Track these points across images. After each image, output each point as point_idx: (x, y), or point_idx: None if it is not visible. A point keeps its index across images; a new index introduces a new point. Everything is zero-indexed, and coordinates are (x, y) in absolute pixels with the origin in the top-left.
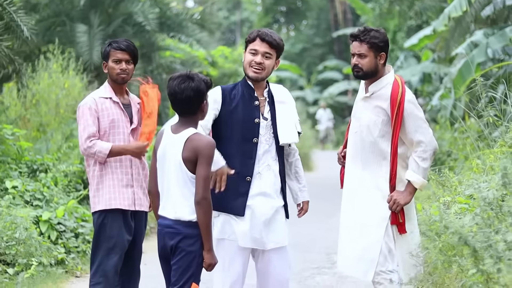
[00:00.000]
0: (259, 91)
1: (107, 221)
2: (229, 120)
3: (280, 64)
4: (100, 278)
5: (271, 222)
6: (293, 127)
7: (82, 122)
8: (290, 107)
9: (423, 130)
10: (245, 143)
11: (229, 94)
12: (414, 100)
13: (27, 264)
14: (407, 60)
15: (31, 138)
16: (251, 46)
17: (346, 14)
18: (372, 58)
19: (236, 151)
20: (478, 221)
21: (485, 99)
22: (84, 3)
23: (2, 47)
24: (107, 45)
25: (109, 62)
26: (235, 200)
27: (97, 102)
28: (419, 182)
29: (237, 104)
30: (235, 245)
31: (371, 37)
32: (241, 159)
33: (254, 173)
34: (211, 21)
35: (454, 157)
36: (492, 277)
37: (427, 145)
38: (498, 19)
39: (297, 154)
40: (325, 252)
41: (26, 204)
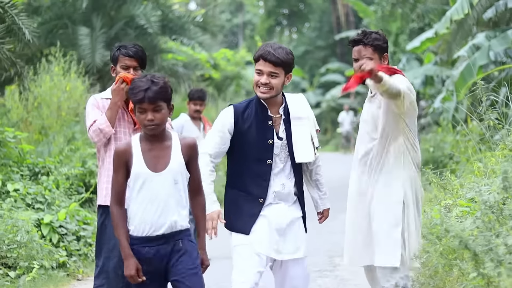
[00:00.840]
0: (274, 108)
1: (108, 222)
2: (242, 140)
3: None
4: (103, 280)
5: (287, 233)
6: (310, 144)
7: (87, 117)
8: (307, 121)
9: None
10: (258, 164)
11: (241, 115)
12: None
13: (29, 267)
14: (409, 62)
15: (33, 141)
16: (257, 66)
17: (348, 17)
18: (377, 60)
19: (250, 172)
20: (479, 224)
21: (486, 102)
22: (86, 6)
23: (4, 50)
24: (116, 49)
25: (117, 67)
26: (244, 220)
27: (99, 101)
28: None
29: (250, 124)
30: (250, 250)
31: (373, 40)
32: (254, 180)
33: (268, 194)
34: (213, 24)
35: (456, 159)
36: (493, 281)
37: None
38: (500, 21)
39: (319, 161)
40: (327, 255)
41: (28, 207)
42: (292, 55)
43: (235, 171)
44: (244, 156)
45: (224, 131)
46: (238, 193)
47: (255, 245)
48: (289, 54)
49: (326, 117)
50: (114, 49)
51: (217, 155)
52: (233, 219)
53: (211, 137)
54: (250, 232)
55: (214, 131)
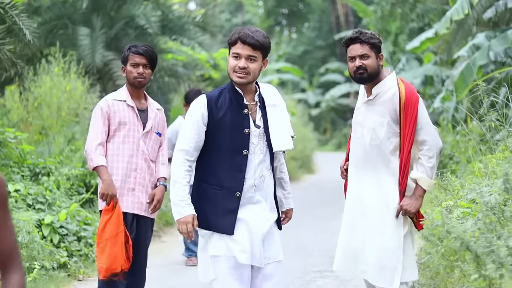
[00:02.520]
0: (249, 95)
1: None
2: (216, 131)
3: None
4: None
5: (267, 237)
6: (287, 132)
7: (95, 126)
8: (282, 109)
9: (428, 128)
10: (234, 156)
11: (215, 103)
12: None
13: (30, 267)
14: (409, 62)
15: (33, 141)
16: (233, 49)
17: (348, 17)
18: (374, 58)
19: (224, 164)
20: (480, 226)
21: (487, 103)
22: (86, 6)
23: (5, 51)
24: (126, 49)
25: (127, 66)
26: (223, 217)
27: (109, 103)
28: (426, 182)
29: (224, 113)
30: (233, 261)
31: (369, 38)
32: (230, 173)
33: (246, 188)
34: (213, 24)
35: (456, 160)
36: (494, 283)
37: (431, 144)
38: (500, 21)
39: (283, 158)
40: (327, 256)
41: (29, 208)
42: (268, 38)
43: (207, 164)
44: (217, 147)
45: (198, 122)
46: (211, 188)
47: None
48: (266, 37)
49: (325, 117)
50: (125, 49)
51: (193, 151)
52: (210, 218)
53: (186, 131)
54: (234, 232)
55: (188, 125)
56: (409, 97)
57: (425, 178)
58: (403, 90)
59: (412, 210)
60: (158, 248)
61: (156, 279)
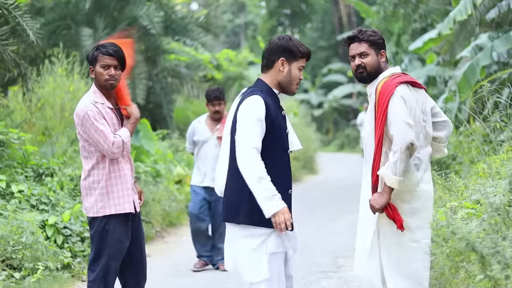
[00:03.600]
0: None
1: (109, 227)
2: (270, 131)
3: None
4: (101, 285)
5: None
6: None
7: (102, 127)
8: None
9: (396, 123)
10: (283, 155)
11: (268, 104)
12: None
13: (34, 268)
14: (412, 63)
15: (36, 142)
16: (302, 62)
17: (350, 17)
18: (374, 55)
19: (277, 163)
20: (485, 227)
21: (491, 104)
22: (89, 7)
23: (8, 51)
24: (94, 50)
25: (96, 67)
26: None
27: (99, 108)
28: (388, 178)
29: (275, 114)
30: (284, 257)
31: (368, 35)
32: (282, 172)
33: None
34: (215, 25)
35: (459, 160)
36: (500, 283)
37: (397, 139)
38: (503, 22)
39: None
40: (330, 256)
41: (32, 208)
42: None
43: (266, 165)
44: (271, 147)
45: (262, 122)
46: None
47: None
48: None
49: (328, 118)
50: (92, 49)
51: (260, 148)
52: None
53: (251, 130)
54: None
55: (252, 123)
56: (382, 92)
57: (387, 175)
58: (379, 86)
59: (376, 206)
60: (162, 249)
61: (161, 280)
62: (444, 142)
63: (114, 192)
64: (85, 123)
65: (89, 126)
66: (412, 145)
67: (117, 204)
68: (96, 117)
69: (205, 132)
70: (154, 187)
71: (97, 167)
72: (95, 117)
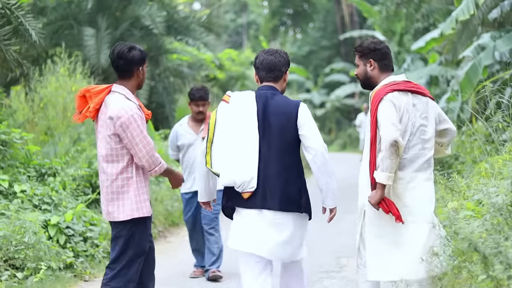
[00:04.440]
0: None
1: (136, 230)
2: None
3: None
4: (120, 283)
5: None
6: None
7: (145, 132)
8: None
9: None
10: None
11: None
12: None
13: (36, 268)
14: (414, 62)
15: (39, 142)
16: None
17: (352, 17)
18: (362, 65)
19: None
20: (487, 227)
21: (493, 104)
22: (91, 7)
23: (10, 51)
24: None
25: (144, 67)
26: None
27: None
28: (377, 175)
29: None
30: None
31: (361, 47)
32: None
33: None
34: (218, 24)
35: (462, 160)
36: (502, 284)
37: (382, 138)
38: (505, 22)
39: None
40: (333, 256)
41: (35, 208)
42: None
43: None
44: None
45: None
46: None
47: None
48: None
49: (330, 117)
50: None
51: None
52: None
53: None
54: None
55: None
56: (374, 98)
57: (377, 171)
58: (373, 93)
59: (372, 202)
60: (164, 249)
61: (164, 280)
62: (446, 146)
63: (139, 196)
64: (129, 125)
65: (132, 129)
66: (396, 142)
67: (143, 207)
68: (141, 121)
69: (189, 135)
70: (157, 187)
71: (126, 171)
72: (141, 121)
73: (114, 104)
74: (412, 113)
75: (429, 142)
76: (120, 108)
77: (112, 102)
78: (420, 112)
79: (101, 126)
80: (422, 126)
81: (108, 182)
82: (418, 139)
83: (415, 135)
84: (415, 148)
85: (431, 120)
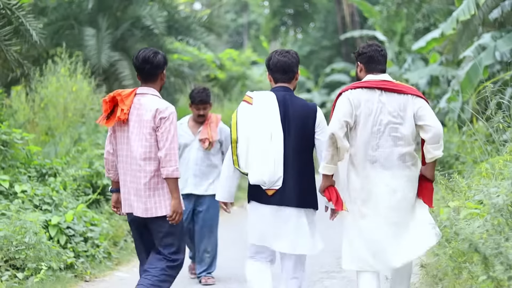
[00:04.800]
0: None
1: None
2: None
3: None
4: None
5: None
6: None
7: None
8: None
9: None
10: None
11: None
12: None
13: (37, 268)
14: (415, 62)
15: (39, 142)
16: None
17: (353, 17)
18: (356, 68)
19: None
20: (488, 227)
21: (494, 104)
22: (92, 7)
23: (11, 51)
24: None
25: (165, 71)
26: None
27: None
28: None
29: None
30: None
31: (355, 51)
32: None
33: None
34: (218, 24)
35: (462, 160)
36: (503, 284)
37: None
38: (506, 22)
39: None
40: (333, 256)
41: (35, 209)
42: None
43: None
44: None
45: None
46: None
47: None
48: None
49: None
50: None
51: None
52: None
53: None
54: None
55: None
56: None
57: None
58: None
59: (320, 190)
60: None
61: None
62: (431, 144)
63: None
64: (170, 118)
65: (170, 123)
66: (333, 135)
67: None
68: (177, 125)
69: (187, 135)
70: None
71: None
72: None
73: (154, 102)
74: (377, 109)
75: (404, 139)
76: (164, 103)
77: (150, 101)
78: (390, 110)
79: (134, 127)
80: (392, 124)
81: (146, 179)
82: (388, 136)
83: (384, 133)
84: (386, 145)
85: (408, 117)
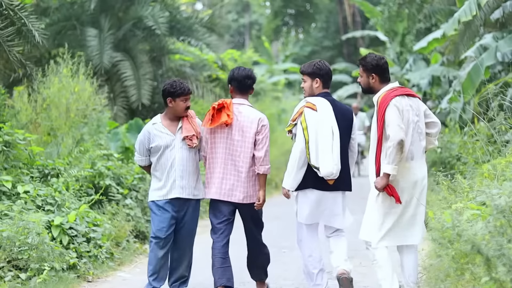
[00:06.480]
0: None
1: None
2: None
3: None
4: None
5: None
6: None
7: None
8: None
9: (391, 126)
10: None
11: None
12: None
13: (40, 269)
14: (416, 63)
15: (42, 143)
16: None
17: (355, 17)
18: (365, 78)
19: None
20: (490, 229)
21: (496, 105)
22: (94, 7)
23: (13, 52)
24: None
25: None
26: None
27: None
28: (384, 167)
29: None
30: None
31: (365, 62)
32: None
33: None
34: (220, 25)
35: (464, 160)
36: (505, 286)
37: (391, 137)
38: (507, 22)
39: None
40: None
41: (38, 209)
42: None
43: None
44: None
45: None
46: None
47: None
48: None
49: None
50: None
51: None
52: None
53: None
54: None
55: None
56: (380, 103)
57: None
58: (379, 99)
59: (378, 186)
60: None
61: None
62: (434, 136)
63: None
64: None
65: (267, 130)
66: (402, 141)
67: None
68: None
69: (165, 136)
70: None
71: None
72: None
73: (254, 112)
74: (410, 112)
75: (423, 134)
76: (262, 114)
77: (249, 111)
78: (415, 111)
79: (240, 130)
80: (417, 122)
81: (250, 172)
82: (416, 133)
83: (414, 130)
84: (415, 140)
85: (422, 116)
